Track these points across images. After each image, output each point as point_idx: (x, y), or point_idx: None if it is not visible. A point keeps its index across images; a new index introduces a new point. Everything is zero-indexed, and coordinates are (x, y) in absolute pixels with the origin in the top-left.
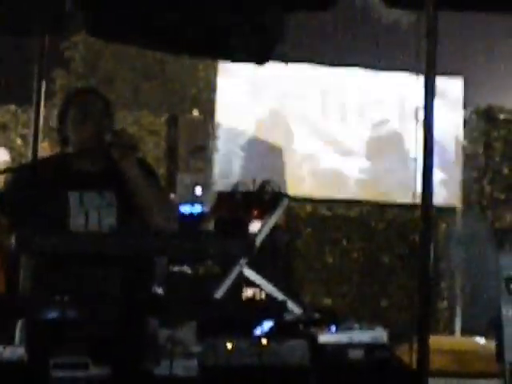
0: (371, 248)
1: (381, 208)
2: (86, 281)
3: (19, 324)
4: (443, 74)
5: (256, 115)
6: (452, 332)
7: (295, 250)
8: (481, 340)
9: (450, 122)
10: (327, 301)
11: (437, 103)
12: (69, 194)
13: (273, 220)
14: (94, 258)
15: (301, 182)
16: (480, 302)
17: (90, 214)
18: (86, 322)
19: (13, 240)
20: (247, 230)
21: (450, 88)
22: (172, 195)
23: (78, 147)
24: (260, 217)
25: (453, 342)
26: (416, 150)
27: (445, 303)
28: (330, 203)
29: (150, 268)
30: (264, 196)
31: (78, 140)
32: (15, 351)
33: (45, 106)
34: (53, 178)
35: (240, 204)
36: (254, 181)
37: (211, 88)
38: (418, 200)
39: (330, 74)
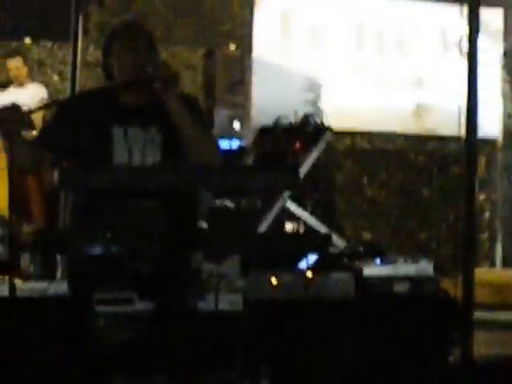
0: (411, 181)
1: (420, 141)
2: (129, 216)
3: (60, 260)
4: (483, 4)
5: (293, 49)
6: (493, 264)
7: (334, 184)
8: None
9: (491, 53)
10: (367, 234)
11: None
12: (113, 129)
13: (316, 153)
14: (136, 192)
15: (339, 116)
16: None
17: (134, 150)
18: (129, 258)
19: (55, 175)
20: (290, 163)
21: (490, 19)
22: None
23: (121, 80)
24: (302, 150)
25: (494, 274)
26: (459, 82)
27: (485, 235)
28: (370, 136)
29: (194, 202)
30: (306, 129)
31: (121, 73)
32: (59, 287)
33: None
34: (96, 112)
35: (282, 138)
36: (296, 114)
37: (247, 23)
38: (460, 133)
39: (367, 4)
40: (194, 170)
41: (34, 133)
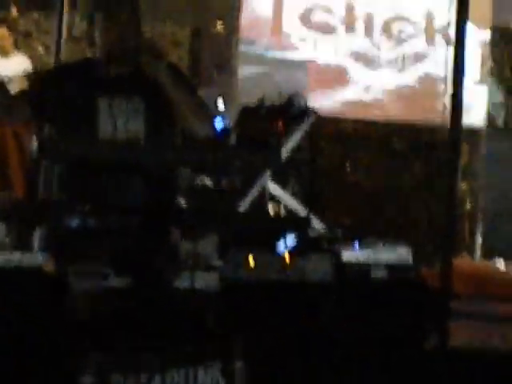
0: (393, 167)
1: (404, 128)
2: (108, 190)
3: (37, 231)
4: None
5: (280, 29)
6: (472, 255)
7: (316, 168)
8: (501, 263)
9: (477, 41)
10: (347, 219)
11: None
12: (98, 100)
13: (299, 135)
14: (117, 166)
15: (325, 98)
16: (502, 225)
17: (118, 121)
18: (107, 232)
19: (35, 144)
20: (272, 143)
21: (478, 6)
22: None
23: (105, 50)
24: (285, 131)
25: (473, 264)
26: (445, 69)
27: (466, 225)
28: (354, 121)
29: (173, 179)
30: (291, 110)
31: (105, 43)
32: (34, 258)
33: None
34: (80, 82)
35: (265, 118)
36: (280, 94)
37: (235, 2)
38: (444, 121)
39: None
40: (175, 146)
41: None
